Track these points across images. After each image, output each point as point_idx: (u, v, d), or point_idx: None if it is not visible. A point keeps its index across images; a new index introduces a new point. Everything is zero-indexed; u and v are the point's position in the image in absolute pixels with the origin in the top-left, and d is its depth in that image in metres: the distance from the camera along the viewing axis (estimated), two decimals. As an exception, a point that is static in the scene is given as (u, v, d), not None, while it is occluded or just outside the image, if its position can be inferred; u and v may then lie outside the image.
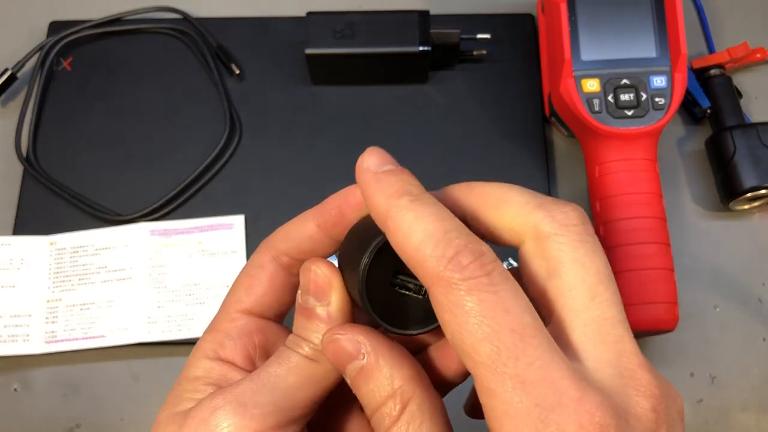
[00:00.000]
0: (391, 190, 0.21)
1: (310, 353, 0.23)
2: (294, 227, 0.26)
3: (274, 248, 0.26)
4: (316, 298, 0.23)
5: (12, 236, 0.48)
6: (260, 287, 0.25)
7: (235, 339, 0.24)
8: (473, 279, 0.19)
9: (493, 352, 0.18)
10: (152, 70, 0.53)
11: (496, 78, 0.53)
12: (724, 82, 0.50)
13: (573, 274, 0.21)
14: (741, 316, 0.47)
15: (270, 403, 0.22)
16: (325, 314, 0.23)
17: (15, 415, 0.45)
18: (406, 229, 0.20)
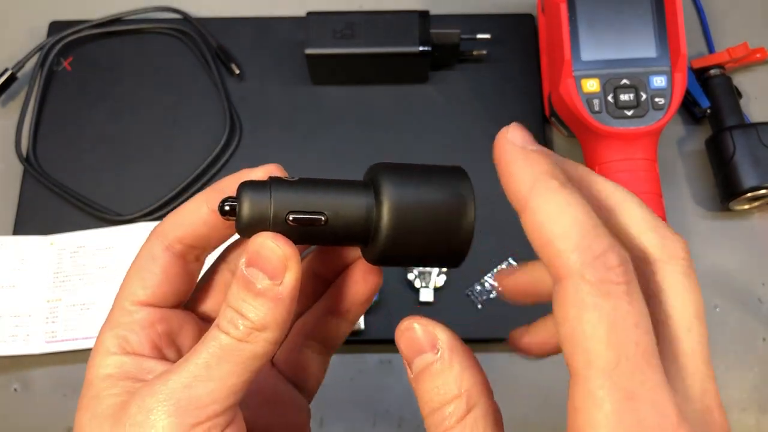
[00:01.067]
0: (541, 168, 0.20)
1: (244, 334, 0.21)
2: (186, 213, 0.24)
3: (166, 237, 0.24)
4: (269, 275, 0.22)
5: (12, 236, 0.48)
6: (154, 279, 0.24)
7: (137, 331, 0.24)
8: (614, 284, 0.18)
9: (612, 361, 0.18)
10: (152, 70, 0.53)
11: (496, 78, 0.53)
12: (723, 82, 0.50)
13: (673, 303, 0.21)
14: (741, 316, 0.47)
15: (205, 394, 0.21)
16: (274, 294, 0.21)
17: (15, 415, 0.45)
18: (553, 212, 0.19)
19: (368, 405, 0.45)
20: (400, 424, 0.45)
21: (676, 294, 0.20)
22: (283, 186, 0.22)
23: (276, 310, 0.22)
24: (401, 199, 0.22)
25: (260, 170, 0.25)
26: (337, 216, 0.22)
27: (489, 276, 0.47)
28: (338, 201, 0.22)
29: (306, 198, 0.22)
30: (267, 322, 0.22)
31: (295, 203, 0.22)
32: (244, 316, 0.22)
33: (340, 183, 0.23)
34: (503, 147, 0.22)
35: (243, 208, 0.22)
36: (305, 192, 0.22)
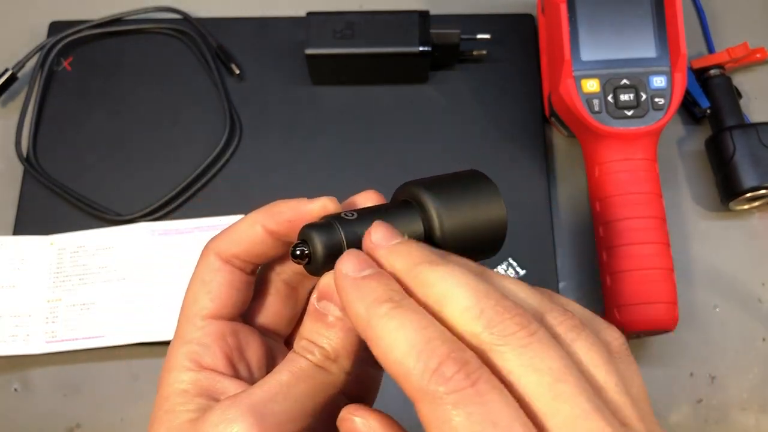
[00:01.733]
0: (372, 297, 0.20)
1: (320, 360, 0.23)
2: (243, 231, 0.25)
3: (224, 252, 0.25)
4: (340, 307, 0.23)
5: (12, 236, 0.48)
6: (221, 290, 0.25)
7: (210, 346, 0.24)
8: (459, 391, 0.18)
9: None
10: (152, 70, 0.53)
11: (496, 78, 0.53)
12: (723, 83, 0.50)
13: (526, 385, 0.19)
14: (741, 316, 0.47)
15: (283, 411, 0.22)
16: (346, 324, 0.23)
17: (15, 415, 0.45)
18: (387, 339, 0.19)
19: (368, 405, 0.45)
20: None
21: (525, 372, 0.19)
22: (348, 225, 0.23)
23: (347, 339, 0.23)
24: (444, 206, 0.24)
25: (317, 203, 0.25)
26: None
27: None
28: (400, 228, 0.24)
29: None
30: (339, 351, 0.23)
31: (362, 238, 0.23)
32: (319, 345, 0.23)
33: (387, 208, 0.25)
34: (337, 281, 0.22)
35: (317, 252, 0.23)
36: (368, 226, 0.23)
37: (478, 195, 0.25)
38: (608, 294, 0.44)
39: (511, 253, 0.48)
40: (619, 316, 0.43)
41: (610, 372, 0.20)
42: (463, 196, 0.25)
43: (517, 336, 0.19)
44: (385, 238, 0.22)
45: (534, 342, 0.19)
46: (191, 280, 0.25)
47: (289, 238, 0.25)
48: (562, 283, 0.48)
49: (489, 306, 0.20)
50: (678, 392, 0.45)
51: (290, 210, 0.25)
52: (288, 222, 0.25)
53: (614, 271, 0.43)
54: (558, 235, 0.49)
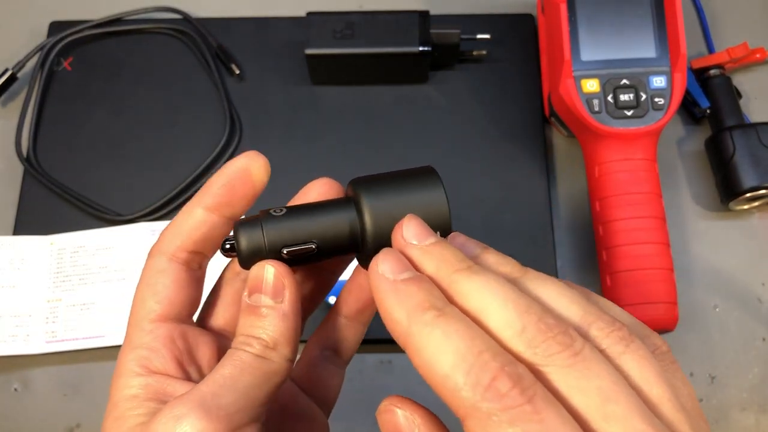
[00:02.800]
0: (413, 302, 0.19)
1: (260, 350, 0.23)
2: (181, 221, 0.25)
3: (168, 249, 0.25)
4: (270, 296, 0.23)
5: (12, 236, 0.48)
6: (167, 291, 0.24)
7: (159, 349, 0.24)
8: (514, 408, 0.17)
9: None
10: (152, 70, 0.53)
11: (496, 78, 0.53)
12: (723, 83, 0.51)
13: (576, 403, 0.19)
14: (740, 316, 0.47)
15: (230, 403, 0.22)
16: (279, 311, 0.23)
17: (15, 415, 0.45)
18: (432, 350, 0.18)
19: (368, 405, 0.45)
20: (400, 424, 0.45)
21: (572, 393, 0.18)
22: (272, 221, 0.24)
23: (283, 326, 0.23)
24: (378, 203, 0.24)
25: (241, 160, 0.25)
26: (326, 239, 0.24)
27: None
28: (324, 224, 0.24)
29: (295, 230, 0.24)
30: (277, 339, 0.23)
31: (286, 238, 0.24)
32: (258, 337, 0.23)
33: (323, 205, 0.25)
34: (373, 283, 0.21)
35: (241, 247, 0.24)
36: (293, 224, 0.24)
37: (417, 186, 0.25)
38: (608, 294, 0.44)
39: (511, 253, 0.48)
40: (619, 316, 0.43)
41: (662, 386, 0.19)
42: (400, 190, 0.24)
43: (562, 356, 0.19)
44: (417, 236, 0.22)
45: (579, 362, 0.19)
46: (138, 283, 0.25)
47: (231, 208, 0.25)
48: (562, 283, 0.48)
49: (531, 323, 0.19)
50: (678, 392, 0.46)
51: (219, 177, 0.25)
52: (222, 188, 0.25)
53: (614, 271, 0.43)
54: (558, 235, 0.49)
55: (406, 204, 0.24)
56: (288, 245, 0.24)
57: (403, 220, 0.22)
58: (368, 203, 0.24)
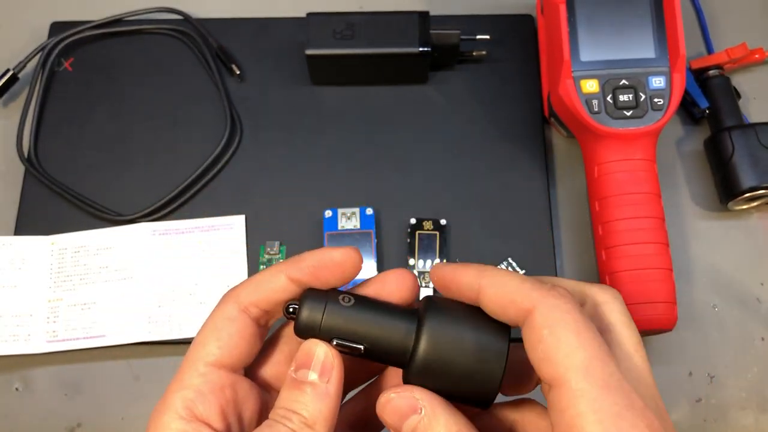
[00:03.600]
0: (474, 266, 0.26)
1: (298, 426, 0.23)
2: (265, 280, 0.26)
3: (243, 300, 0.25)
4: (318, 374, 0.24)
5: (13, 236, 0.49)
6: (231, 339, 0.25)
7: (207, 395, 0.24)
8: (570, 304, 0.24)
9: (586, 358, 0.22)
10: (153, 70, 0.53)
11: (495, 78, 0.53)
12: (722, 83, 0.51)
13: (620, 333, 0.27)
14: (739, 316, 0.47)
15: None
16: (322, 391, 0.24)
17: (16, 415, 0.45)
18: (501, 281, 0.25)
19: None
20: (400, 424, 0.45)
21: (621, 327, 0.27)
22: (335, 309, 0.25)
23: (324, 405, 0.24)
24: (440, 337, 0.25)
25: (339, 251, 0.26)
26: (377, 346, 0.25)
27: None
28: (381, 332, 0.25)
29: (352, 327, 0.25)
30: (316, 417, 0.24)
31: (341, 330, 0.25)
32: (297, 413, 0.24)
33: (389, 311, 0.25)
34: (440, 272, 0.26)
35: (300, 318, 0.25)
36: (353, 319, 0.25)
37: (483, 342, 0.25)
38: (607, 294, 0.44)
39: (511, 253, 0.48)
40: (619, 316, 0.43)
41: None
42: (466, 335, 0.25)
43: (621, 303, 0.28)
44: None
45: (628, 313, 0.28)
46: (204, 324, 0.25)
47: (312, 284, 0.26)
48: (562, 283, 0.48)
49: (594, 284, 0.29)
50: (677, 391, 0.46)
51: (313, 257, 0.26)
52: (311, 269, 0.25)
53: (613, 271, 0.43)
54: (558, 235, 0.49)
55: (463, 352, 0.24)
56: (340, 338, 0.25)
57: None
58: (429, 332, 0.25)
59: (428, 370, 0.24)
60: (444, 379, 0.24)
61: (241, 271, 0.47)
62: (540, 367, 0.23)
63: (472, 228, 0.48)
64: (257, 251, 0.48)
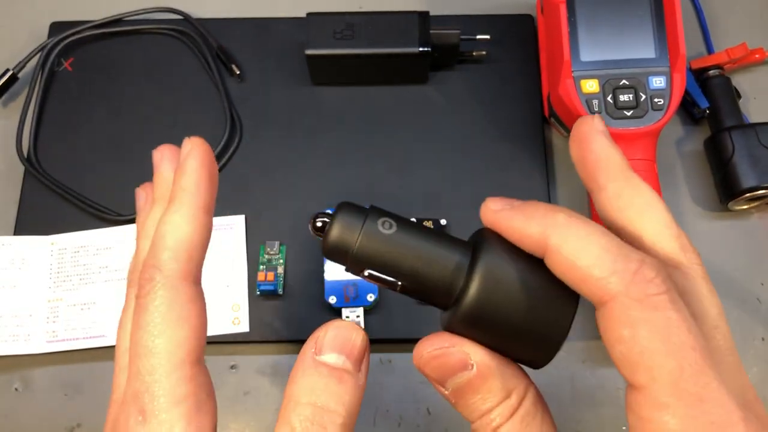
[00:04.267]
0: (541, 212, 0.21)
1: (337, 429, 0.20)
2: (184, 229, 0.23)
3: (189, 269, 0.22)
4: (353, 361, 0.21)
5: (13, 236, 0.48)
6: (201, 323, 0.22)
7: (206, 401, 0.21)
8: (658, 295, 0.19)
9: (676, 370, 0.18)
10: (153, 70, 0.53)
11: (495, 78, 0.53)
12: (722, 83, 0.51)
13: (700, 304, 0.22)
14: (740, 316, 0.47)
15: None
16: (360, 381, 0.21)
17: (16, 415, 0.45)
18: (575, 245, 0.20)
19: (368, 404, 0.45)
20: (399, 424, 0.45)
21: (701, 296, 0.22)
22: (374, 232, 0.20)
23: (358, 398, 0.21)
24: (497, 281, 0.20)
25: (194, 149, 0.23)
26: (416, 284, 0.21)
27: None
28: (423, 268, 0.20)
29: (391, 257, 0.20)
30: (353, 413, 0.20)
31: (377, 260, 0.20)
32: (333, 411, 0.20)
33: (436, 241, 0.21)
34: (495, 217, 0.22)
35: (330, 237, 0.20)
36: (393, 249, 0.20)
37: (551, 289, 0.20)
38: (607, 294, 0.44)
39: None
40: (619, 316, 0.43)
41: None
42: (533, 277, 0.21)
43: (701, 267, 0.23)
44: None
45: (708, 278, 0.23)
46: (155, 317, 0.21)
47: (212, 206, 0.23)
48: (562, 283, 0.48)
49: (682, 233, 0.23)
50: (677, 392, 0.46)
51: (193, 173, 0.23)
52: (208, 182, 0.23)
53: (613, 271, 0.43)
54: (557, 235, 0.49)
55: (522, 304, 0.20)
56: (376, 269, 0.20)
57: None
58: (485, 273, 0.20)
59: (478, 319, 0.20)
60: (494, 332, 0.20)
61: (241, 271, 0.47)
62: (619, 365, 0.19)
63: (472, 228, 0.48)
64: (257, 251, 0.48)
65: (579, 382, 0.45)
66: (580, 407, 0.45)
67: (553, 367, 0.24)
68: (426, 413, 0.45)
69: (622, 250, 0.19)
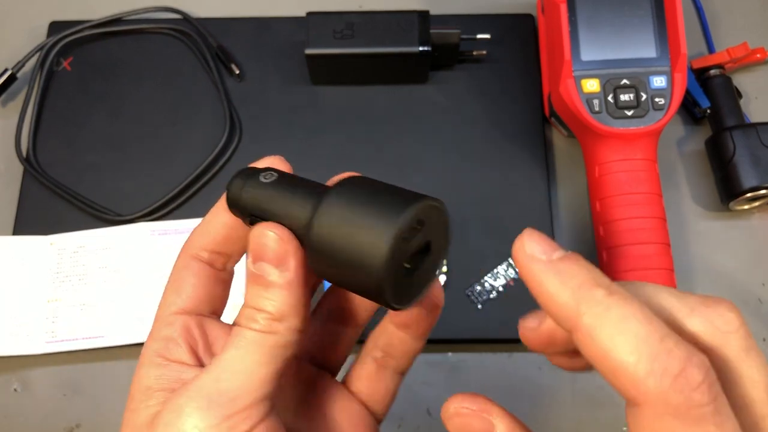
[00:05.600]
0: (578, 281, 0.18)
1: (265, 325, 0.22)
2: (207, 220, 0.25)
3: (192, 248, 0.25)
4: (274, 265, 0.22)
5: (12, 236, 0.48)
6: (188, 285, 0.25)
7: (176, 339, 0.24)
8: (702, 407, 0.16)
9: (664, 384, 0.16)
10: (152, 70, 0.53)
11: (496, 78, 0.53)
12: (723, 82, 0.50)
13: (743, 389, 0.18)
14: (741, 316, 0.47)
15: (233, 387, 0.21)
16: (284, 281, 0.22)
17: (15, 415, 0.45)
18: (610, 332, 0.17)
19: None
20: (400, 425, 0.45)
21: (742, 376, 0.18)
22: (254, 185, 0.23)
23: (290, 296, 0.22)
24: (332, 213, 0.21)
25: (262, 161, 0.25)
26: (283, 222, 0.23)
27: (489, 276, 0.47)
28: (286, 209, 0.23)
29: (262, 203, 0.23)
30: (284, 310, 0.22)
31: (254, 206, 0.23)
32: (263, 310, 0.22)
33: (306, 189, 0.23)
34: (527, 266, 0.19)
35: (228, 193, 0.24)
36: (265, 196, 0.23)
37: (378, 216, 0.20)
38: (608, 294, 0.44)
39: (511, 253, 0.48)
40: (619, 316, 0.42)
41: None
42: (363, 209, 0.20)
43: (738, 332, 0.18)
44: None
45: (752, 342, 0.19)
46: (167, 281, 0.25)
47: None
48: (562, 283, 0.48)
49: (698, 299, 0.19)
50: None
51: None
52: None
53: (615, 272, 0.43)
54: (558, 235, 0.49)
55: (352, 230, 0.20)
56: (254, 214, 0.23)
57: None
58: (323, 208, 0.21)
59: (315, 246, 0.21)
60: (331, 260, 0.21)
61: (240, 271, 0.47)
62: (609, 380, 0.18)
63: (472, 228, 0.48)
64: (257, 251, 0.48)
65: (579, 383, 0.45)
66: (580, 408, 0.45)
67: (553, 367, 0.24)
68: (426, 414, 0.45)
69: (665, 343, 0.16)
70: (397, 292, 0.21)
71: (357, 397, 0.27)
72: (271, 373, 0.22)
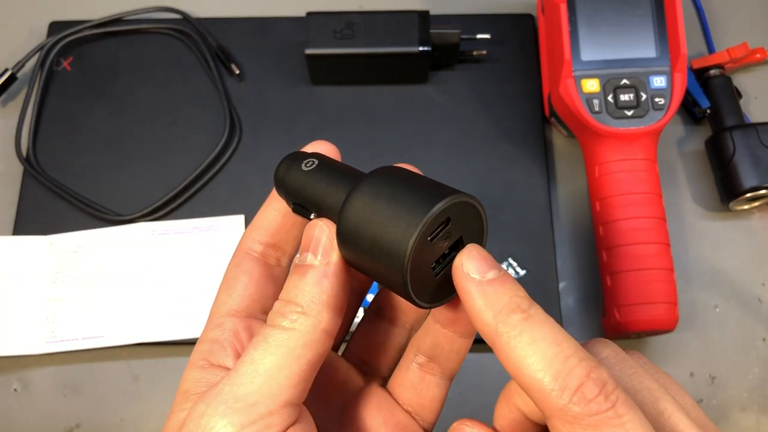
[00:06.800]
0: (500, 304, 0.20)
1: (288, 323, 0.21)
2: (260, 211, 0.26)
3: (245, 243, 0.25)
4: (320, 255, 0.22)
5: (12, 236, 0.48)
6: (240, 284, 0.25)
7: (222, 342, 0.23)
8: (600, 414, 0.18)
9: None
10: (152, 70, 0.53)
11: (496, 78, 0.53)
12: (723, 83, 0.50)
13: None
14: (741, 316, 0.47)
15: (253, 392, 0.20)
16: (322, 272, 0.22)
17: (15, 415, 0.45)
18: (521, 353, 0.19)
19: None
20: (399, 424, 0.45)
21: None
22: (296, 172, 0.24)
23: (323, 289, 0.22)
24: (363, 202, 0.21)
25: (309, 146, 0.26)
26: (319, 212, 0.23)
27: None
28: (322, 197, 0.23)
29: (302, 190, 0.24)
30: (314, 303, 0.21)
31: (296, 193, 0.24)
32: (293, 301, 0.22)
33: (344, 176, 0.24)
34: (460, 284, 0.21)
35: (275, 179, 0.25)
36: (305, 183, 0.24)
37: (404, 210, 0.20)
38: (608, 294, 0.44)
39: (512, 253, 0.48)
40: (619, 316, 0.43)
41: None
42: (392, 202, 0.21)
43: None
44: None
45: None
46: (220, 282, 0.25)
47: None
48: (562, 283, 0.48)
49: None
50: (678, 392, 0.45)
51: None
52: None
53: (614, 271, 0.43)
54: (558, 235, 0.49)
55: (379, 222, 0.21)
56: (296, 201, 0.24)
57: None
58: (354, 196, 0.22)
59: (344, 235, 0.21)
60: (359, 250, 0.21)
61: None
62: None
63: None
64: (257, 251, 0.48)
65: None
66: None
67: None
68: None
69: (569, 362, 0.19)
70: (424, 289, 0.21)
71: (404, 407, 0.26)
72: (294, 375, 0.21)
